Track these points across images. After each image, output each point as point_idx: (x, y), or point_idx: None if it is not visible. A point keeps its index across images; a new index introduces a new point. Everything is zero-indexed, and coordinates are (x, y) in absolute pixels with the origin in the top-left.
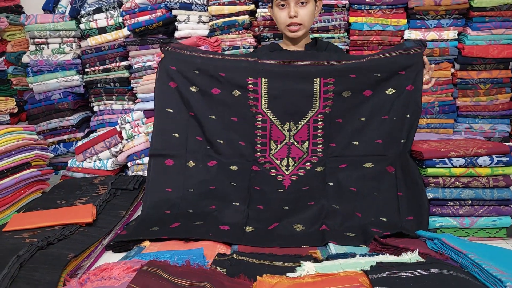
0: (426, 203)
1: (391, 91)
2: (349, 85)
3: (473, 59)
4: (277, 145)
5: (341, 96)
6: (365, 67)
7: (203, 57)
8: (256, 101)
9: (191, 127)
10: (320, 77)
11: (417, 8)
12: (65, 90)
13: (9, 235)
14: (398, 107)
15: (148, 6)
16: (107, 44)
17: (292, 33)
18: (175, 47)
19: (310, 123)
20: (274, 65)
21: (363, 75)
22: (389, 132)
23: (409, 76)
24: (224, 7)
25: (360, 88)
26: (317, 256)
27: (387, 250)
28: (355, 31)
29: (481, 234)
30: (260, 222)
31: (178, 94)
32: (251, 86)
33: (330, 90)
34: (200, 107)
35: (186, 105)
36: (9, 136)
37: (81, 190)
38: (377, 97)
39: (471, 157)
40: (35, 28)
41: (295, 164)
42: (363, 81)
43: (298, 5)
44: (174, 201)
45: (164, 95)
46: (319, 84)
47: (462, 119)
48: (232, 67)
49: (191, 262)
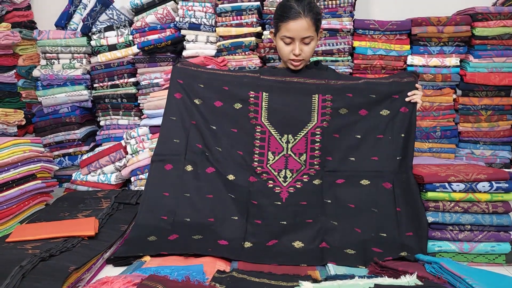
0: (425, 220)
1: (385, 112)
2: (346, 103)
3: (475, 85)
4: (274, 156)
5: (338, 112)
6: (361, 88)
7: (208, 72)
8: (256, 113)
9: (191, 134)
10: (319, 94)
11: (420, 34)
12: (73, 104)
13: (12, 245)
14: (392, 127)
15: (157, 26)
16: (116, 61)
17: (294, 67)
18: (184, 63)
19: (308, 136)
20: (275, 81)
21: (359, 95)
22: (385, 150)
23: (402, 100)
24: (232, 29)
25: (356, 107)
26: (316, 277)
27: (386, 273)
28: (359, 55)
29: (480, 260)
30: (259, 237)
31: (183, 104)
32: (252, 99)
33: (328, 106)
34: (202, 117)
35: (189, 114)
36: (16, 147)
37: (84, 203)
38: (372, 116)
39: (471, 182)
40: (47, 43)
41: (293, 176)
42: (359, 100)
43: (302, 43)
44: (171, 207)
45: (170, 104)
46: (317, 100)
47: (464, 144)
48: (235, 82)
49: (190, 278)
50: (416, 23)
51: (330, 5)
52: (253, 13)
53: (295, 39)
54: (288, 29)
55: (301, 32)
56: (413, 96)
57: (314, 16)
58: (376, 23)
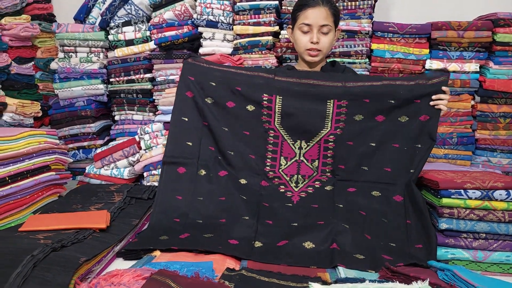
0: (433, 233)
1: (404, 118)
2: (362, 109)
3: (494, 92)
4: (287, 161)
5: (353, 119)
6: (380, 92)
7: (221, 70)
8: (270, 117)
9: (204, 136)
10: (334, 99)
11: (440, 39)
12: (89, 98)
13: (25, 235)
14: (409, 136)
15: (175, 22)
16: (133, 56)
17: (311, 58)
18: (196, 59)
19: (321, 143)
20: (290, 83)
21: (376, 100)
22: (399, 161)
23: (424, 105)
24: (249, 27)
25: (373, 112)
26: (325, 279)
27: (397, 278)
28: (377, 57)
29: (494, 269)
30: (269, 238)
31: (194, 103)
32: (266, 102)
33: (342, 112)
34: (214, 118)
35: (200, 115)
36: (32, 138)
37: (97, 196)
38: (390, 123)
39: (488, 190)
40: (65, 36)
41: (305, 181)
42: (377, 106)
43: (320, 32)
44: (184, 210)
45: (181, 103)
46: (332, 106)
47: (480, 152)
48: (248, 82)
49: (200, 275)
50: (436, 27)
51: (349, 7)
52: (271, 12)
53: (313, 26)
54: (306, 16)
55: (319, 20)
56: (437, 101)
57: (332, 7)
58: (395, 26)
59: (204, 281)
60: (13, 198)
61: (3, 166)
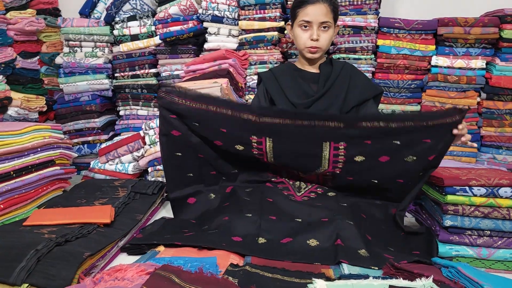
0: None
1: (411, 158)
2: (363, 150)
3: (500, 89)
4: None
5: (354, 160)
6: (383, 132)
7: (200, 111)
8: (262, 156)
9: (203, 165)
10: (330, 141)
11: (446, 35)
12: (93, 92)
13: (29, 229)
14: (416, 172)
15: (180, 17)
16: (138, 51)
17: (311, 55)
18: (168, 91)
19: (319, 176)
20: (279, 125)
21: (379, 141)
22: (400, 191)
23: (434, 145)
24: (255, 23)
25: (375, 154)
26: (329, 275)
27: (401, 275)
28: (383, 53)
29: (498, 267)
30: (273, 234)
31: (184, 140)
32: (255, 144)
33: (340, 154)
34: (207, 151)
35: (193, 149)
36: (37, 133)
37: (101, 191)
38: (395, 163)
39: (493, 187)
40: (71, 31)
41: (307, 187)
42: (380, 147)
43: (320, 29)
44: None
45: (170, 142)
46: (328, 148)
47: (486, 149)
48: (232, 125)
49: (204, 270)
50: (442, 23)
51: (355, 2)
52: (277, 7)
53: (313, 23)
54: (306, 13)
55: (319, 17)
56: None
57: (331, 3)
58: (402, 22)
59: (208, 276)
60: (18, 193)
61: (8, 161)
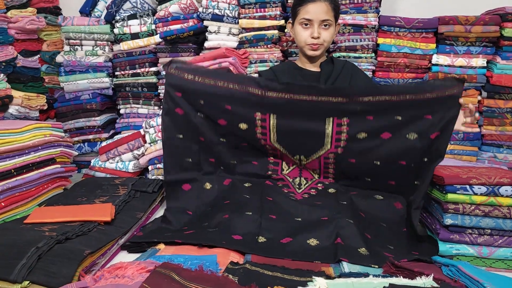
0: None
1: (413, 135)
2: (366, 127)
3: (501, 88)
4: (289, 167)
5: (356, 137)
6: (384, 108)
7: (207, 86)
8: (265, 135)
9: (202, 151)
10: (333, 117)
11: (447, 33)
12: (94, 91)
13: (30, 227)
14: (418, 153)
15: (180, 16)
16: (139, 50)
17: (313, 52)
18: (179, 68)
19: (321, 159)
20: (283, 100)
21: (381, 117)
22: (404, 176)
23: (436, 122)
24: (255, 21)
25: (377, 130)
26: (329, 273)
27: (401, 273)
28: (383, 52)
29: (498, 265)
30: (273, 233)
31: (187, 120)
32: (259, 121)
33: (343, 131)
34: (209, 133)
35: (195, 131)
36: (38, 131)
37: (102, 189)
38: (396, 141)
39: (493, 186)
40: (71, 29)
41: (307, 183)
42: (382, 123)
43: (321, 27)
44: (193, 219)
45: (172, 122)
46: (331, 124)
47: (487, 147)
48: (238, 100)
49: (204, 268)
50: (443, 21)
51: (355, 0)
52: (277, 6)
53: (314, 21)
54: (307, 11)
55: (320, 15)
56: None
57: (332, 1)
58: (402, 20)
59: (208, 274)
60: (19, 191)
61: (9, 159)
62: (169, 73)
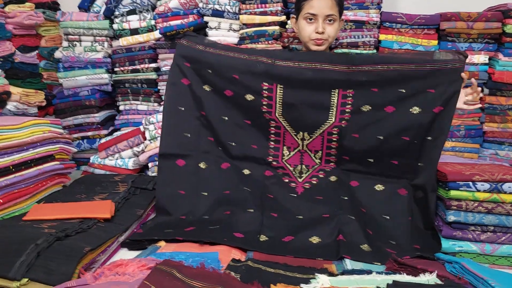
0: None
1: (416, 109)
2: (370, 99)
3: (503, 85)
4: (289, 152)
5: (360, 110)
6: (389, 78)
7: (217, 55)
8: (270, 107)
9: (202, 126)
10: (339, 88)
11: (448, 30)
12: (93, 87)
13: (29, 224)
14: (421, 128)
15: (180, 11)
16: (138, 46)
17: (316, 47)
18: (191, 40)
19: (324, 135)
20: (292, 68)
21: (385, 89)
22: (407, 155)
23: (439, 96)
24: (256, 17)
25: (381, 103)
26: (332, 270)
27: (404, 270)
28: (385, 48)
29: (502, 262)
30: (275, 231)
31: (191, 92)
32: (266, 92)
33: (348, 103)
34: (212, 107)
35: (198, 104)
36: (36, 128)
37: (101, 186)
38: (400, 115)
39: (497, 182)
40: (70, 25)
41: (308, 171)
42: (386, 96)
43: (326, 22)
44: (188, 206)
45: (176, 92)
46: (337, 96)
47: (488, 144)
48: (246, 69)
49: (205, 265)
50: (445, 17)
51: None
52: (278, 1)
53: (319, 16)
54: (311, 6)
55: (324, 10)
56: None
57: None
58: (404, 17)
59: (210, 271)
60: (17, 187)
61: (7, 155)
62: (181, 43)
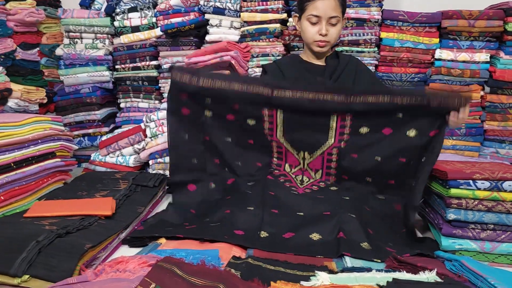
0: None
1: (413, 132)
2: (368, 122)
3: (504, 83)
4: (291, 168)
5: (359, 132)
6: (385, 108)
7: (213, 91)
8: (272, 130)
9: (208, 151)
10: (337, 114)
11: (450, 28)
12: (94, 84)
13: (30, 221)
14: (417, 151)
15: (182, 9)
16: (139, 43)
17: (319, 48)
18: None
19: (324, 155)
20: (291, 99)
21: (383, 114)
22: (403, 175)
23: (435, 120)
24: (257, 14)
25: (379, 125)
26: (332, 268)
27: (404, 268)
28: (386, 46)
29: (501, 260)
30: (275, 228)
31: (192, 120)
32: (266, 117)
33: (347, 125)
34: (215, 131)
35: (200, 129)
36: (37, 125)
37: (102, 184)
38: (397, 137)
39: (497, 181)
40: (71, 22)
41: (309, 181)
42: (383, 119)
43: (329, 23)
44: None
45: (177, 121)
46: (336, 119)
47: (489, 143)
48: (245, 100)
49: (206, 262)
50: (446, 15)
51: None
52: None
53: (322, 18)
54: (315, 7)
55: (328, 11)
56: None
57: None
58: (405, 14)
59: (210, 269)
60: (18, 184)
61: (8, 152)
62: (174, 78)
